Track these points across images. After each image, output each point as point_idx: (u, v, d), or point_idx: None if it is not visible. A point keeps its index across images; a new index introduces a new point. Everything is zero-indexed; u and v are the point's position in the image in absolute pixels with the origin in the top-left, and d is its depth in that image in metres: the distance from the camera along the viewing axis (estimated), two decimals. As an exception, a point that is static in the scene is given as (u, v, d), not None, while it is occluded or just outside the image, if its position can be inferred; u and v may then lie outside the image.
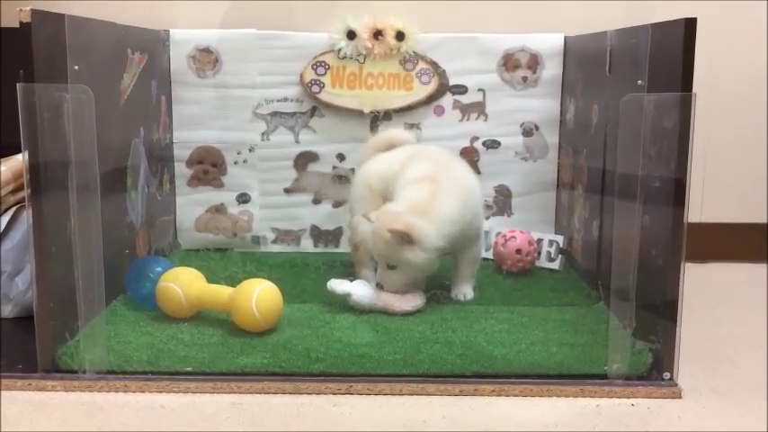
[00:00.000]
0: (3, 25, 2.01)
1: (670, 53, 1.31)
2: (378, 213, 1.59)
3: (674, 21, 1.29)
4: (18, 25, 1.25)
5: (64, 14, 1.35)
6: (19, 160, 1.61)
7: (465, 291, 1.71)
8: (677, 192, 1.29)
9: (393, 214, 1.57)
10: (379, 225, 1.57)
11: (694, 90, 1.28)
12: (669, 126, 1.29)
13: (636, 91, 1.38)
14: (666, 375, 1.34)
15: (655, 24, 1.37)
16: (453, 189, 1.62)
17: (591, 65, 1.82)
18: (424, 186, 1.61)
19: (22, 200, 1.59)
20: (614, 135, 1.52)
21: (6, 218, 1.60)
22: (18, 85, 1.26)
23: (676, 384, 1.33)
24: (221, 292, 1.54)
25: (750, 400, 1.32)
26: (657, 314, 1.34)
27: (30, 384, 1.32)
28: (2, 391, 1.31)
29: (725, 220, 2.20)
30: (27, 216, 1.31)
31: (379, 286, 1.60)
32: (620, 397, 1.32)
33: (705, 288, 1.92)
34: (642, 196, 1.33)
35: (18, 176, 1.60)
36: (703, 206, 2.16)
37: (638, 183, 1.32)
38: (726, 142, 2.17)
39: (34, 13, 1.26)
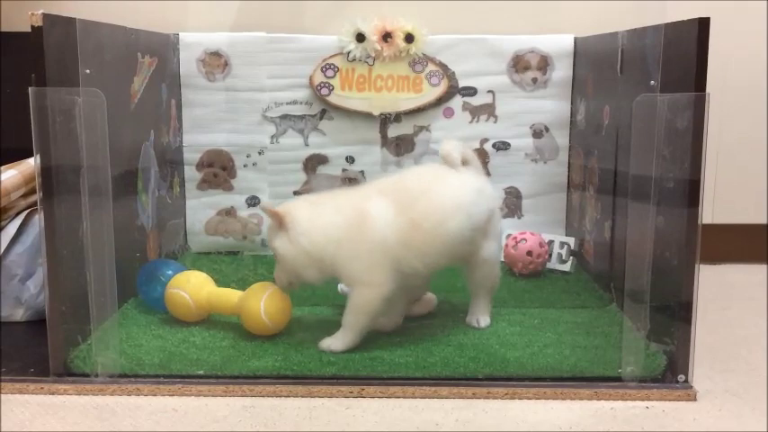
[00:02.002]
0: (3, 29, 2.02)
1: (683, 53, 1.30)
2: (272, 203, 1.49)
3: (688, 20, 1.28)
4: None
5: (75, 18, 1.35)
6: (30, 164, 1.62)
7: (478, 317, 1.56)
8: (691, 192, 1.28)
9: (287, 203, 1.47)
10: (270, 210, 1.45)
11: (707, 90, 1.27)
12: (682, 126, 1.28)
13: (648, 91, 1.37)
14: (681, 377, 1.33)
15: (668, 24, 1.37)
16: (350, 212, 1.42)
17: (602, 66, 1.81)
18: (341, 192, 1.52)
19: (34, 204, 1.60)
20: (626, 136, 1.52)
21: (18, 221, 1.60)
22: (30, 89, 1.26)
23: (691, 386, 1.32)
24: (230, 295, 1.54)
25: (766, 402, 1.31)
26: (672, 316, 1.33)
27: (42, 388, 1.32)
28: (14, 395, 1.31)
29: (737, 221, 2.19)
30: (39, 220, 1.31)
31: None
32: (634, 399, 1.31)
33: (719, 289, 1.91)
34: (656, 197, 1.32)
35: (29, 180, 1.61)
36: (715, 207, 2.14)
37: (652, 183, 1.32)
38: (738, 142, 2.16)
39: (46, 17, 1.26)
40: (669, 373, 1.34)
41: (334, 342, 1.42)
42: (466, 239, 1.46)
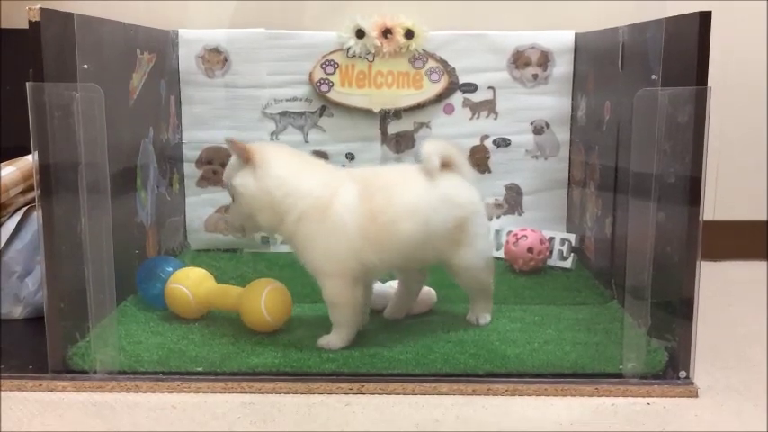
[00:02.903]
0: (3, 26, 2.02)
1: (684, 47, 1.29)
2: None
3: (689, 14, 1.28)
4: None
5: (73, 13, 1.35)
6: (28, 161, 1.61)
7: (478, 315, 1.53)
8: (692, 188, 1.28)
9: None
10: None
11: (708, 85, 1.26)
12: (684, 121, 1.27)
13: (649, 86, 1.36)
14: (683, 374, 1.32)
15: (669, 18, 1.36)
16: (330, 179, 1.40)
17: (602, 61, 1.80)
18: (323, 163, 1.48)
19: (32, 200, 1.59)
20: (627, 131, 1.51)
21: (17, 218, 1.60)
22: (27, 84, 1.25)
23: (693, 383, 1.32)
24: (230, 292, 1.54)
25: (767, 398, 1.30)
26: (673, 312, 1.33)
27: (40, 385, 1.31)
28: (13, 392, 1.31)
29: (738, 217, 2.18)
30: (37, 216, 1.30)
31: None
32: (635, 396, 1.30)
33: (720, 286, 1.90)
34: (657, 193, 1.31)
35: (28, 177, 1.60)
36: (716, 203, 2.14)
37: (653, 179, 1.31)
38: (739, 138, 2.15)
39: (43, 12, 1.25)
40: (670, 370, 1.33)
41: (332, 339, 1.41)
42: (422, 244, 1.40)
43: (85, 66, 1.36)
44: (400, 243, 1.39)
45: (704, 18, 1.25)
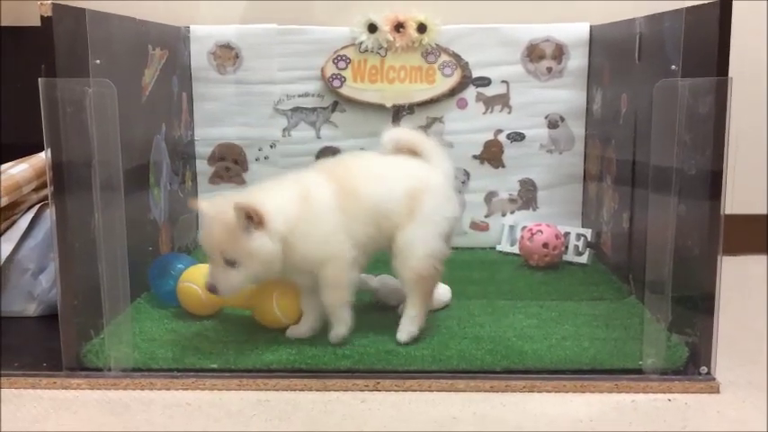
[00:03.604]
0: (8, 24, 2.02)
1: (704, 37, 1.27)
2: (213, 200, 1.36)
3: (709, 3, 1.25)
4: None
5: (84, 9, 1.34)
6: (42, 158, 1.60)
7: (403, 326, 1.42)
8: (713, 180, 1.26)
9: (232, 197, 1.33)
10: (215, 208, 1.33)
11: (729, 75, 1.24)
12: (704, 112, 1.25)
13: (667, 77, 1.34)
14: (704, 369, 1.30)
15: (688, 8, 1.33)
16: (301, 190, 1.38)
17: (619, 53, 1.78)
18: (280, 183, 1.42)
19: (45, 198, 1.59)
20: (645, 124, 1.49)
21: (30, 216, 1.59)
22: (40, 79, 1.25)
23: (714, 378, 1.30)
24: (242, 289, 1.52)
25: (791, 395, 1.28)
26: (693, 307, 1.30)
27: (55, 383, 1.31)
28: (27, 390, 1.30)
29: (758, 211, 2.15)
30: (50, 214, 1.30)
31: (211, 290, 1.34)
32: (656, 392, 1.28)
33: (740, 280, 1.88)
34: (677, 185, 1.29)
35: (41, 174, 1.60)
36: (735, 197, 2.10)
37: (673, 171, 1.29)
38: (759, 131, 2.12)
39: (55, 7, 1.25)
40: (691, 365, 1.31)
41: (337, 330, 1.40)
42: (385, 208, 1.40)
43: (98, 61, 1.35)
44: (366, 207, 1.39)
45: (725, 6, 1.22)
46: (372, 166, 1.46)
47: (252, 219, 1.29)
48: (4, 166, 1.60)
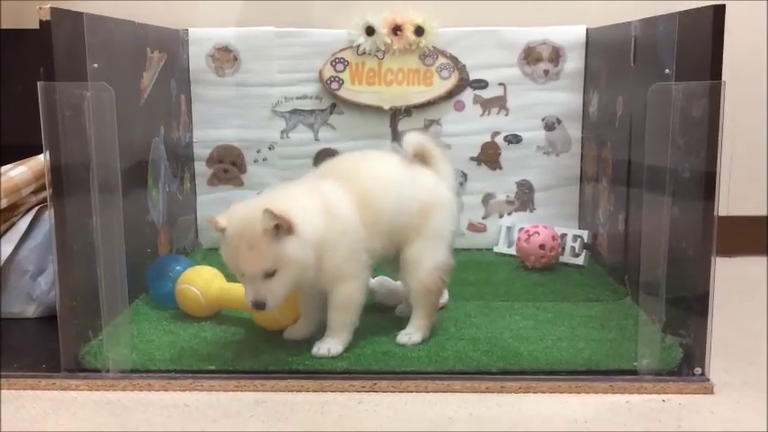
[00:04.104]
0: (9, 26, 2.03)
1: (698, 41, 1.28)
2: (230, 213, 1.31)
3: (703, 8, 1.26)
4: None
5: (83, 13, 1.35)
6: (40, 160, 1.61)
7: (409, 331, 1.43)
8: (707, 182, 1.27)
9: (254, 207, 1.28)
10: (237, 222, 1.28)
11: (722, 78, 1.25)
12: (698, 115, 1.26)
13: (662, 81, 1.35)
14: (698, 370, 1.31)
15: (682, 12, 1.34)
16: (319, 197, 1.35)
17: (615, 56, 1.79)
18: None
19: (44, 200, 1.59)
20: (640, 126, 1.50)
21: (29, 218, 1.60)
22: (39, 83, 1.26)
23: (708, 379, 1.30)
24: (240, 291, 1.53)
25: (785, 396, 1.29)
26: (688, 308, 1.31)
27: (54, 384, 1.32)
28: (26, 391, 1.31)
29: (752, 212, 2.16)
30: (49, 216, 1.31)
31: (259, 306, 1.29)
32: (650, 393, 1.29)
33: (734, 282, 1.88)
34: (671, 188, 1.30)
35: (39, 176, 1.60)
36: (730, 198, 2.12)
37: (667, 174, 1.30)
38: (754, 132, 2.13)
39: (53, 11, 1.25)
40: (685, 366, 1.32)
41: (333, 345, 1.37)
42: (398, 223, 1.40)
43: (96, 65, 1.36)
44: (383, 222, 1.38)
45: (718, 11, 1.23)
46: (388, 175, 1.43)
47: (280, 226, 1.26)
48: (4, 168, 1.61)
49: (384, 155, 1.50)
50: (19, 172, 1.59)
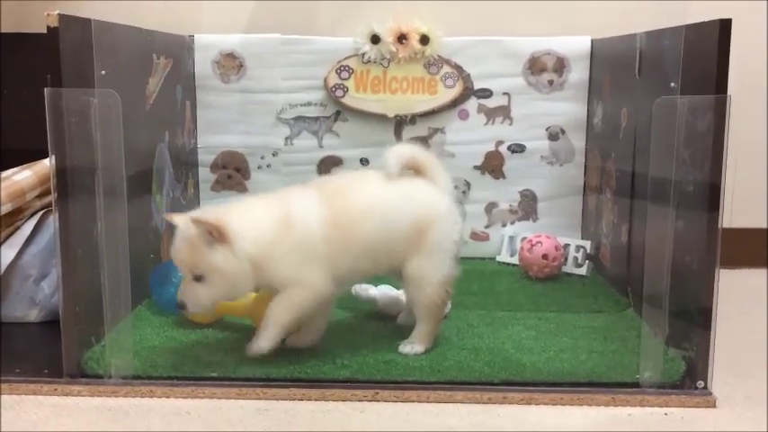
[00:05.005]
0: (10, 30, 2.03)
1: (703, 55, 1.28)
2: (189, 214, 1.33)
3: (709, 22, 1.27)
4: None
5: (91, 19, 1.35)
6: (45, 165, 1.62)
7: (413, 341, 1.42)
8: (711, 196, 1.27)
9: (201, 211, 1.35)
10: (184, 222, 1.32)
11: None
12: (703, 129, 1.26)
13: (667, 93, 1.35)
14: (700, 384, 1.31)
15: (688, 26, 1.35)
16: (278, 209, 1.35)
17: (619, 67, 1.79)
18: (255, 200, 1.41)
19: (49, 204, 1.60)
20: (645, 138, 1.50)
21: (33, 222, 1.60)
22: (45, 89, 1.26)
23: (711, 393, 1.30)
24: (243, 297, 1.53)
25: (787, 410, 1.29)
26: (690, 321, 1.31)
27: (56, 389, 1.32)
28: (28, 396, 1.31)
29: (756, 224, 2.16)
30: (54, 220, 1.31)
31: (180, 306, 1.33)
32: (652, 406, 1.29)
33: (737, 294, 1.88)
34: (675, 200, 1.30)
35: (44, 181, 1.61)
36: (734, 210, 2.11)
37: (672, 187, 1.30)
38: (758, 145, 2.13)
39: (62, 17, 1.26)
40: (688, 379, 1.32)
41: (260, 343, 1.34)
42: (383, 245, 1.36)
43: (103, 72, 1.36)
44: (365, 244, 1.35)
45: (724, 25, 1.24)
46: (374, 196, 1.38)
47: (212, 234, 1.28)
48: (8, 172, 1.61)
49: (375, 177, 1.41)
50: (24, 176, 1.60)
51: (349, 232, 1.34)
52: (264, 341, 1.35)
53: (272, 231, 1.32)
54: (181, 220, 1.33)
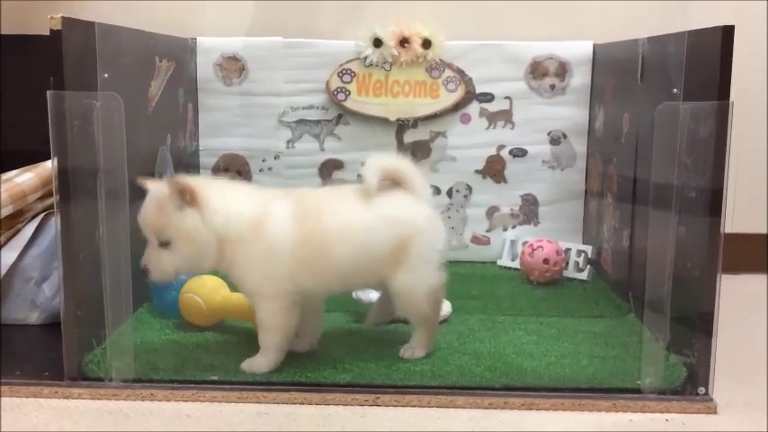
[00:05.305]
0: (11, 32, 2.03)
1: (706, 61, 1.28)
2: (155, 181, 1.35)
3: (711, 28, 1.27)
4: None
5: (94, 22, 1.35)
6: (47, 167, 1.62)
7: (413, 347, 1.41)
8: (713, 201, 1.27)
9: (177, 176, 1.33)
10: (156, 186, 1.32)
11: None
12: (705, 135, 1.26)
13: (669, 99, 1.35)
14: (701, 390, 1.30)
15: (691, 32, 1.35)
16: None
17: (621, 73, 1.79)
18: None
19: (50, 206, 1.60)
20: (647, 144, 1.50)
21: (34, 224, 1.60)
22: (48, 92, 1.26)
23: (712, 399, 1.30)
24: (244, 300, 1.53)
25: (788, 417, 1.29)
26: (692, 327, 1.31)
27: (56, 392, 1.32)
28: (29, 399, 1.31)
29: (758, 230, 2.16)
30: (55, 223, 1.31)
31: (144, 272, 1.32)
32: (653, 412, 1.28)
33: (739, 300, 1.88)
34: (677, 206, 1.30)
35: (46, 183, 1.61)
36: (735, 216, 2.11)
37: (674, 192, 1.30)
38: (760, 151, 2.13)
39: (65, 20, 1.26)
40: (689, 385, 1.31)
41: (259, 362, 1.35)
42: (359, 266, 1.34)
43: (106, 75, 1.36)
44: (334, 267, 1.33)
45: (727, 32, 1.24)
46: (349, 220, 1.34)
47: (184, 196, 1.28)
48: (10, 174, 1.62)
49: (352, 195, 1.37)
50: (25, 178, 1.60)
51: (320, 253, 1.32)
52: (263, 364, 1.35)
53: (244, 226, 1.31)
54: (153, 185, 1.33)
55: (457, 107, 2.06)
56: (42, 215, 1.62)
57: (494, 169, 2.09)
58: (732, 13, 1.62)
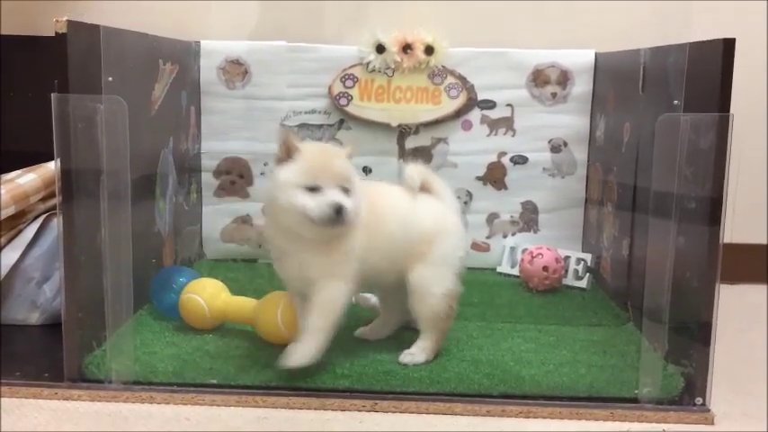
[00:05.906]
0: (11, 33, 2.04)
1: (707, 73, 1.29)
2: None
3: (712, 41, 1.27)
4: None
5: (99, 25, 1.36)
6: (49, 168, 1.62)
7: (414, 350, 1.44)
8: (713, 212, 1.27)
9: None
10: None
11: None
12: (705, 146, 1.27)
13: (670, 110, 1.36)
14: (699, 400, 1.31)
15: (692, 44, 1.36)
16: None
17: (623, 82, 1.80)
18: None
19: (53, 207, 1.60)
20: (647, 153, 1.50)
21: (36, 225, 1.61)
22: (52, 95, 1.27)
23: (709, 410, 1.31)
24: (245, 304, 1.54)
25: (785, 428, 1.29)
26: (690, 336, 1.32)
27: (56, 393, 1.32)
28: (29, 400, 1.31)
29: (756, 240, 2.16)
30: (58, 224, 1.31)
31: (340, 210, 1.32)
32: (651, 422, 1.29)
33: (737, 310, 1.88)
34: (677, 216, 1.31)
35: (48, 184, 1.61)
36: (734, 226, 2.12)
37: (674, 203, 1.30)
38: (759, 162, 2.14)
39: (70, 23, 1.27)
40: (687, 396, 1.32)
41: (302, 350, 1.32)
42: (399, 246, 1.41)
43: (110, 78, 1.37)
44: (386, 242, 1.40)
45: (728, 45, 1.24)
46: (400, 200, 1.45)
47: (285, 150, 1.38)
48: (12, 174, 1.62)
49: (399, 189, 1.48)
50: (28, 179, 1.60)
51: (378, 231, 1.39)
52: (309, 351, 1.32)
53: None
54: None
55: (458, 114, 2.06)
56: (44, 216, 1.63)
57: (494, 176, 2.09)
58: (733, 24, 1.62)
